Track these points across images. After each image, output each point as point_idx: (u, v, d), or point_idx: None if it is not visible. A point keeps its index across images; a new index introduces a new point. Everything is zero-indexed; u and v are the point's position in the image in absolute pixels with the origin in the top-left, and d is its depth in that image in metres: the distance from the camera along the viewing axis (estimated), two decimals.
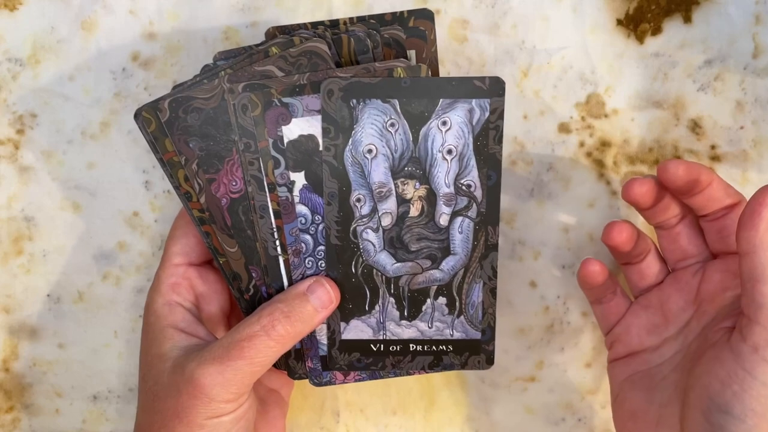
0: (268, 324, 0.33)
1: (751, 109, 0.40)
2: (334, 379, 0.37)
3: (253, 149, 0.34)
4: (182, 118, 0.34)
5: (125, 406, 0.43)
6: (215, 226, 0.35)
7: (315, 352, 0.36)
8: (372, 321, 0.35)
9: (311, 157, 0.34)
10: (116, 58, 0.41)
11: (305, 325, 0.34)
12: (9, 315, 0.42)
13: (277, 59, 0.34)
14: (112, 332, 0.43)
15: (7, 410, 0.43)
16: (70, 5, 0.41)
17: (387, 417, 0.43)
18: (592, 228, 0.41)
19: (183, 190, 0.34)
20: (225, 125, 0.34)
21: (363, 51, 0.34)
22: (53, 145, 0.41)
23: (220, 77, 0.34)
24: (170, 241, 0.37)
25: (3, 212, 0.42)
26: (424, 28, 0.35)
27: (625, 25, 0.40)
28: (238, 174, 0.34)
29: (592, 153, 0.41)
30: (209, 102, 0.34)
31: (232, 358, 0.32)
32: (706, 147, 0.40)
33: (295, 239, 0.35)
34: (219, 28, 0.41)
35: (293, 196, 0.34)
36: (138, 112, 0.34)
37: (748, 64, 0.40)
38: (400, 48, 0.35)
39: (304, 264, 0.35)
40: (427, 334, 0.36)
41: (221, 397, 0.32)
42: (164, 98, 0.34)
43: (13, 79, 0.41)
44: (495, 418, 0.42)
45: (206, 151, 0.34)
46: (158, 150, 0.34)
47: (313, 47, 0.34)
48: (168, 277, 0.36)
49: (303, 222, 0.35)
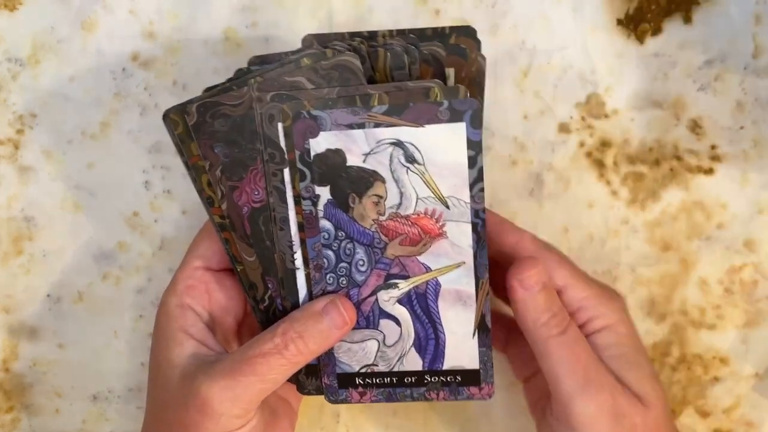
0: (282, 343, 0.32)
1: (751, 109, 0.40)
2: (350, 398, 0.36)
3: (277, 160, 0.33)
4: (209, 123, 0.33)
5: (125, 406, 0.43)
6: (235, 233, 0.34)
7: (332, 369, 0.36)
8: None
9: (337, 172, 0.33)
10: (116, 58, 0.41)
11: (319, 345, 0.33)
12: (9, 315, 0.42)
13: (307, 71, 0.33)
14: (112, 332, 0.43)
15: (7, 410, 0.43)
16: (70, 5, 0.41)
17: (387, 417, 0.43)
18: (592, 228, 0.41)
19: (205, 194, 0.34)
20: (251, 134, 0.33)
21: (399, 66, 0.34)
22: (53, 145, 0.41)
23: (249, 85, 0.33)
24: (193, 244, 0.37)
25: (3, 212, 0.42)
26: (465, 46, 0.34)
27: (625, 25, 0.40)
28: (261, 184, 0.34)
29: (592, 153, 0.41)
30: (237, 109, 0.33)
31: (243, 374, 0.32)
32: (706, 147, 0.40)
33: (317, 254, 0.34)
34: (219, 28, 0.41)
35: (317, 211, 0.34)
36: (166, 113, 0.33)
37: (748, 64, 0.40)
38: (438, 65, 0.34)
39: (325, 280, 0.35)
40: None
41: (230, 413, 0.32)
42: (193, 101, 0.33)
43: (13, 79, 0.41)
44: (495, 418, 0.42)
45: (231, 157, 0.34)
46: (184, 153, 0.34)
47: (346, 61, 0.33)
48: (185, 279, 0.36)
49: (326, 237, 0.34)
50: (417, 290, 0.34)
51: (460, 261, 0.34)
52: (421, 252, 0.34)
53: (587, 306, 0.35)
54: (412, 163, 0.33)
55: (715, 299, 0.41)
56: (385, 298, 0.35)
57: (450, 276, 0.34)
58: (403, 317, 0.35)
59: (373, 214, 0.34)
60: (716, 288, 0.41)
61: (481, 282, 0.34)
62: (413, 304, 0.35)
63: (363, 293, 0.35)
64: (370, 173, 0.33)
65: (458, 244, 0.34)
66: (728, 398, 0.41)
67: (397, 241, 0.34)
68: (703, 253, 0.41)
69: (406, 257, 0.34)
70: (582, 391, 0.33)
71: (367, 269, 0.34)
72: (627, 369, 0.34)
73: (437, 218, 0.34)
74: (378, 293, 0.35)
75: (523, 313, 0.34)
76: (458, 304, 0.34)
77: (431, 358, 0.35)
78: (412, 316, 0.35)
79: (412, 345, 0.35)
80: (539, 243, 0.36)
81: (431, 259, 0.34)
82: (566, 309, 0.34)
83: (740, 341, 0.41)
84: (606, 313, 0.35)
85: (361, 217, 0.34)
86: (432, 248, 0.34)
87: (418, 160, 0.33)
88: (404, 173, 0.33)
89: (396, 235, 0.34)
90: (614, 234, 0.41)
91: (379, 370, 0.36)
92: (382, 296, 0.35)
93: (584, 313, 0.35)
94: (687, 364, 0.41)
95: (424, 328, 0.35)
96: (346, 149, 0.33)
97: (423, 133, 0.33)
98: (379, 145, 0.33)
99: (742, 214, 0.40)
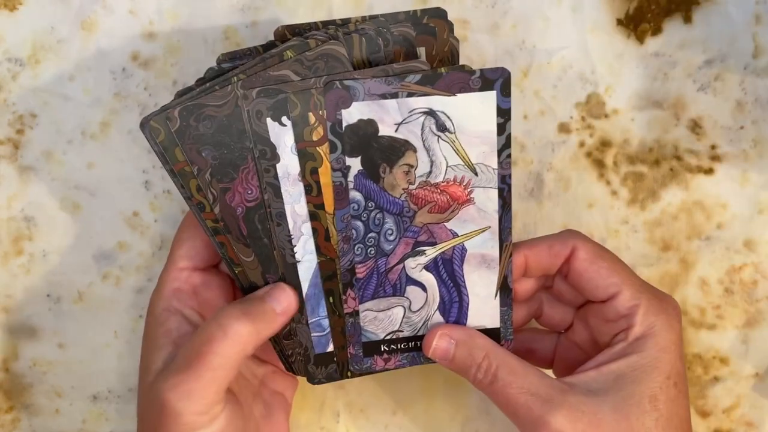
0: (225, 322, 0.31)
1: (751, 109, 0.40)
2: (374, 365, 0.36)
3: (269, 156, 0.33)
4: (194, 127, 0.33)
5: (125, 406, 0.43)
6: (230, 236, 0.34)
7: (358, 339, 0.36)
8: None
9: (369, 143, 0.33)
10: (116, 58, 0.41)
11: (264, 324, 0.33)
12: (9, 315, 0.42)
13: (292, 63, 0.33)
14: (112, 332, 0.43)
15: (7, 410, 0.43)
16: (70, 5, 0.41)
17: (387, 417, 0.43)
18: (592, 228, 0.41)
19: (195, 200, 0.33)
20: (239, 133, 0.33)
21: (374, 50, 0.34)
22: (53, 145, 0.41)
23: (233, 83, 0.33)
24: (176, 244, 0.36)
25: (3, 212, 0.42)
26: (434, 26, 0.35)
27: (625, 25, 0.40)
28: (253, 182, 0.34)
29: (592, 153, 0.41)
30: (222, 109, 0.33)
31: (191, 367, 0.31)
32: (706, 147, 0.40)
33: (346, 225, 0.34)
34: (219, 27, 0.41)
35: (348, 182, 0.34)
36: (145, 121, 0.32)
37: (748, 64, 0.40)
38: (410, 46, 0.34)
39: (354, 251, 0.35)
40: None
41: (188, 410, 0.31)
42: (173, 106, 0.32)
43: (13, 79, 0.41)
44: (495, 418, 0.42)
45: (220, 159, 0.33)
46: (168, 160, 0.33)
47: (331, 50, 0.33)
48: (172, 281, 0.35)
49: (355, 208, 0.34)
50: (443, 256, 0.35)
51: (486, 226, 0.35)
52: (449, 219, 0.35)
53: (632, 314, 0.34)
54: (443, 131, 0.34)
55: (715, 299, 0.41)
56: (412, 266, 0.35)
57: (476, 240, 0.35)
58: (429, 283, 0.36)
59: (404, 184, 0.34)
60: (716, 288, 0.41)
61: (505, 245, 0.35)
62: (439, 269, 0.35)
63: (391, 262, 0.35)
64: (402, 143, 0.34)
65: (484, 210, 0.35)
66: (728, 398, 0.41)
67: (426, 209, 0.35)
68: (703, 253, 0.41)
69: (434, 224, 0.35)
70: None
71: (396, 238, 0.35)
72: (632, 381, 0.33)
73: (466, 185, 0.34)
74: (405, 261, 0.35)
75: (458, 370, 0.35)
76: (482, 266, 0.35)
77: (454, 320, 0.36)
78: (438, 281, 0.36)
79: (436, 309, 0.36)
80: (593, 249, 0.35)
81: (458, 225, 0.35)
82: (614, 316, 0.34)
83: (740, 341, 0.41)
84: (647, 323, 0.34)
85: (391, 186, 0.34)
86: (459, 214, 0.35)
87: (449, 129, 0.34)
88: (435, 142, 0.34)
89: (425, 203, 0.34)
90: (614, 234, 0.41)
91: (403, 336, 0.36)
92: (409, 264, 0.35)
93: (628, 321, 0.34)
94: (687, 364, 0.41)
95: (448, 292, 0.36)
96: (378, 119, 0.33)
97: (455, 101, 0.33)
98: (411, 115, 0.33)
99: (742, 214, 0.40)
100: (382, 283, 0.35)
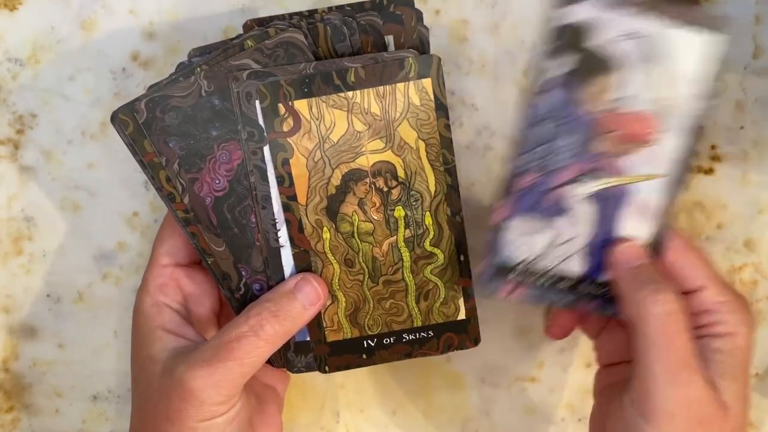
0: (257, 324, 0.33)
1: (751, 109, 0.40)
2: (498, 291, 0.35)
3: (256, 138, 0.34)
4: (160, 118, 0.33)
5: (125, 406, 0.43)
6: (201, 225, 0.35)
7: (494, 256, 0.34)
8: None
9: (578, 48, 0.32)
10: (116, 58, 0.41)
11: (293, 323, 0.34)
12: (9, 315, 0.42)
13: (252, 52, 0.33)
14: (112, 332, 0.43)
15: (7, 410, 0.43)
16: (70, 5, 0.41)
17: (387, 417, 0.43)
18: None
19: (165, 191, 0.34)
20: (205, 123, 0.34)
21: (340, 39, 0.34)
22: (53, 145, 0.41)
23: (196, 74, 0.33)
24: (157, 242, 0.37)
25: (3, 212, 0.42)
26: (401, 13, 0.34)
27: None
28: (220, 172, 0.34)
29: None
30: (186, 100, 0.33)
31: (221, 360, 0.32)
32: (706, 147, 0.40)
33: (523, 130, 0.33)
34: (219, 28, 0.41)
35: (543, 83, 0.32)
36: (114, 114, 0.33)
37: (748, 64, 0.40)
38: (377, 34, 0.34)
39: (520, 158, 0.33)
40: None
41: (212, 400, 0.32)
42: (140, 99, 0.33)
43: (13, 79, 0.41)
44: (495, 418, 0.42)
45: (187, 150, 0.34)
46: (137, 152, 0.34)
47: (289, 38, 0.33)
48: (155, 278, 0.36)
49: (536, 114, 0.33)
50: (608, 192, 0.33)
51: (661, 173, 0.33)
52: (627, 153, 0.33)
53: (717, 310, 0.34)
54: (651, 61, 0.32)
55: None
56: (574, 192, 0.33)
57: (644, 185, 0.33)
58: (584, 216, 0.33)
59: (596, 103, 0.32)
60: None
61: (673, 199, 0.33)
62: (599, 205, 0.33)
63: (554, 182, 0.33)
64: (608, 59, 0.32)
65: (664, 156, 0.32)
66: None
67: (610, 136, 0.32)
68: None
69: (611, 156, 0.33)
70: (671, 381, 0.32)
71: (569, 158, 0.33)
72: (728, 378, 0.33)
73: (654, 123, 0.32)
74: (569, 185, 0.33)
75: (622, 279, 0.33)
76: (641, 216, 0.33)
77: (595, 266, 0.34)
78: (593, 217, 0.33)
79: (581, 248, 0.34)
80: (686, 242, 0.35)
81: (634, 164, 0.33)
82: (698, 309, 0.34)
83: None
84: (731, 322, 0.34)
85: (583, 102, 0.32)
86: (639, 153, 0.33)
87: (658, 61, 0.32)
88: (641, 70, 0.32)
89: (610, 130, 0.32)
90: None
91: (537, 269, 0.34)
92: (572, 189, 0.33)
93: (712, 316, 0.34)
94: None
95: (600, 233, 0.33)
96: (596, 27, 0.32)
97: (675, 35, 0.31)
98: (629, 35, 0.32)
99: (742, 214, 0.40)
100: (537, 203, 0.33)
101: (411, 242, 0.35)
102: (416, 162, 0.35)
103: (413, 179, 0.35)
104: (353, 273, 0.35)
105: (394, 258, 0.35)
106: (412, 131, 0.34)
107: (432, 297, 0.36)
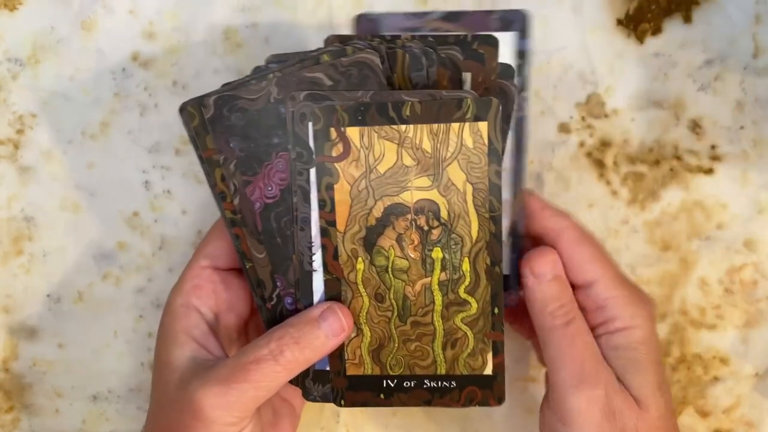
0: (276, 349, 0.32)
1: (751, 109, 0.40)
2: None
3: (305, 159, 0.33)
4: (226, 117, 0.33)
5: (125, 406, 0.43)
6: (246, 229, 0.34)
7: None
8: None
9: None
10: (116, 58, 0.41)
11: (314, 352, 0.33)
12: (9, 315, 0.42)
13: (327, 67, 0.33)
14: (112, 332, 0.43)
15: (7, 410, 0.43)
16: (70, 5, 0.41)
17: (387, 417, 0.43)
18: (592, 228, 0.41)
19: (218, 189, 0.34)
20: (268, 129, 0.33)
21: (417, 68, 0.33)
22: (53, 145, 0.41)
23: (268, 80, 0.33)
24: (203, 243, 0.36)
25: (3, 212, 0.42)
26: (483, 52, 0.34)
27: (625, 25, 0.40)
28: (275, 179, 0.34)
29: (592, 153, 0.41)
30: (255, 103, 0.33)
31: (236, 381, 0.32)
32: (706, 147, 0.40)
33: None
34: (219, 28, 0.41)
35: None
36: (183, 106, 0.33)
37: (748, 64, 0.40)
38: (455, 69, 0.34)
39: None
40: None
41: (222, 420, 0.32)
42: (210, 94, 0.33)
43: (13, 79, 0.41)
44: (495, 418, 0.42)
45: (246, 152, 0.34)
46: (198, 146, 0.34)
47: (365, 59, 0.33)
48: (192, 278, 0.36)
49: None
50: None
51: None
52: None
53: (611, 305, 0.34)
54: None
55: (715, 299, 0.41)
56: None
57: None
58: None
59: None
60: (716, 288, 0.41)
61: (517, 190, 0.36)
62: None
63: None
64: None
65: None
66: (728, 398, 0.41)
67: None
68: (703, 253, 0.41)
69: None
70: (576, 385, 0.33)
71: None
72: (631, 372, 0.34)
73: None
74: None
75: (532, 300, 0.34)
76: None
77: None
78: None
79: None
80: (580, 234, 0.35)
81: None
82: (593, 306, 0.34)
83: (740, 341, 0.41)
84: (625, 316, 0.34)
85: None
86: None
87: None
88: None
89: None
90: (614, 234, 0.41)
91: None
92: None
93: (606, 312, 0.34)
94: (687, 364, 0.41)
95: None
96: None
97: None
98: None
99: (742, 214, 0.40)
100: None
101: (445, 286, 0.34)
102: (461, 205, 0.34)
103: (456, 222, 0.34)
104: (382, 309, 0.35)
105: (425, 300, 0.34)
106: (461, 173, 0.33)
107: (459, 346, 0.35)
